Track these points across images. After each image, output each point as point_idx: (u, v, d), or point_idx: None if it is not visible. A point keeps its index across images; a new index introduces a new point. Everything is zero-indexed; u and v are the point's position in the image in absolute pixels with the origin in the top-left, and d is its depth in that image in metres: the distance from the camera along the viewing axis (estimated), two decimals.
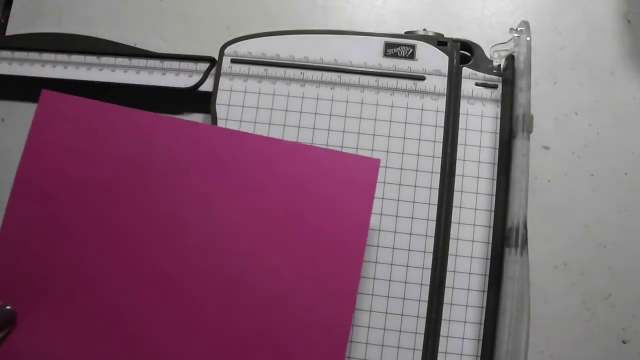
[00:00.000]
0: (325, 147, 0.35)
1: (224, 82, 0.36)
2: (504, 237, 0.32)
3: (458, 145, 0.34)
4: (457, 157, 0.34)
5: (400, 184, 0.34)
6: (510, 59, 0.34)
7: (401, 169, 0.34)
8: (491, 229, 0.33)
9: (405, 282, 0.32)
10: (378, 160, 0.30)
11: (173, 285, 0.29)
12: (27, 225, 0.30)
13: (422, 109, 0.35)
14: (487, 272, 0.32)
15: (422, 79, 0.35)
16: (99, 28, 0.40)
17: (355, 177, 0.30)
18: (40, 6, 0.42)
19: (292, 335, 0.29)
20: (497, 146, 0.34)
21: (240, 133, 0.31)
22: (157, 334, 0.29)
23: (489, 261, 0.32)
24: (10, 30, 0.42)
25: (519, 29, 0.33)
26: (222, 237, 0.30)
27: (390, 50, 0.35)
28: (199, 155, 0.30)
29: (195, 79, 0.36)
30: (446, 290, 0.32)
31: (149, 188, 0.30)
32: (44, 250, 0.30)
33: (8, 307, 0.29)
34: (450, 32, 0.36)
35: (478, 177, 0.34)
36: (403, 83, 0.35)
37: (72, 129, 0.31)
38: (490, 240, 0.32)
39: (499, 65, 0.35)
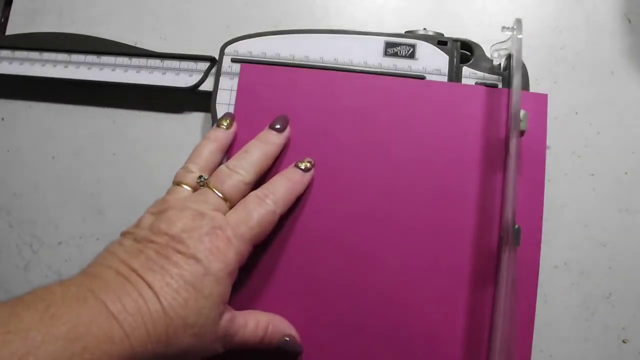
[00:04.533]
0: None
1: (224, 82, 0.36)
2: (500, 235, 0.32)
3: None
4: None
5: None
6: (510, 58, 0.34)
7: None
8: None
9: None
10: (545, 96, 0.33)
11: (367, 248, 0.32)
12: None
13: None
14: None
15: (422, 78, 0.35)
16: (99, 28, 0.40)
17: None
18: (40, 6, 0.42)
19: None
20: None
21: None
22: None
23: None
24: (10, 30, 0.42)
25: (511, 27, 0.33)
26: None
27: (391, 49, 0.35)
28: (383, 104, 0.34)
29: (196, 78, 0.36)
30: None
31: (341, 136, 0.33)
32: None
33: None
34: (451, 32, 0.36)
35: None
36: None
37: (269, 94, 0.34)
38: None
39: (499, 64, 0.35)
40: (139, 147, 0.38)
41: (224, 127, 0.33)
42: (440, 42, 0.35)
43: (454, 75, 0.35)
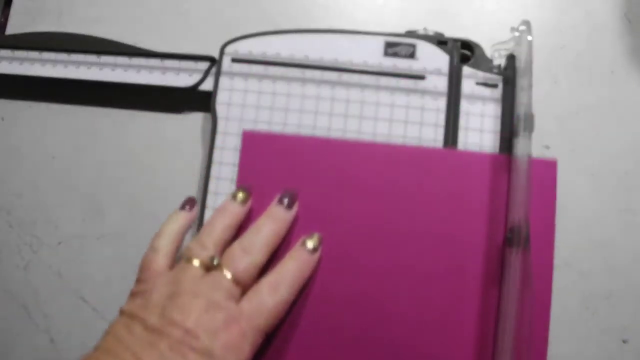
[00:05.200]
0: None
1: (224, 81, 0.36)
2: (506, 237, 0.32)
3: (458, 145, 0.34)
4: None
5: None
6: (511, 57, 0.34)
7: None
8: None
9: None
10: (554, 162, 0.33)
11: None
12: None
13: (422, 108, 0.35)
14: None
15: (422, 78, 0.35)
16: (99, 27, 0.40)
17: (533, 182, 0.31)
18: (40, 6, 0.42)
19: None
20: (498, 145, 0.34)
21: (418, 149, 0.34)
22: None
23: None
24: (10, 30, 0.42)
25: (520, 28, 0.33)
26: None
27: (391, 49, 0.35)
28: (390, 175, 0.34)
29: (196, 78, 0.36)
30: None
31: (348, 208, 0.33)
32: None
33: None
34: (451, 31, 0.36)
35: None
36: (403, 82, 0.35)
37: (272, 163, 0.34)
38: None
39: (500, 64, 0.35)
40: (139, 147, 0.38)
41: (240, 201, 0.32)
42: (441, 42, 0.35)
43: (454, 74, 0.35)
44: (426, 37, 0.35)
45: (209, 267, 0.29)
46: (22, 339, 0.36)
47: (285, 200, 0.32)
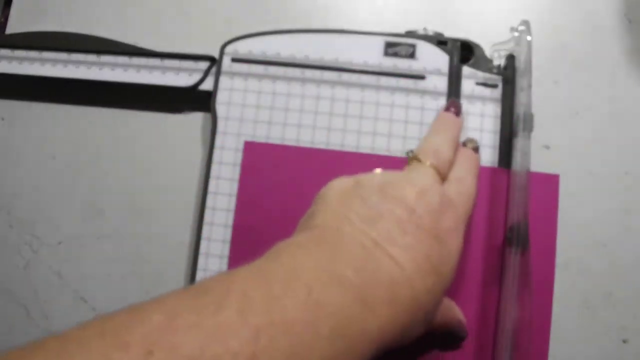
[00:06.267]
0: (325, 146, 0.35)
1: (224, 81, 0.36)
2: (506, 236, 0.32)
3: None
4: None
5: None
6: (510, 58, 0.34)
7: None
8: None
9: None
10: (557, 177, 0.32)
11: None
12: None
13: (422, 108, 0.35)
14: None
15: (422, 78, 0.35)
16: (99, 27, 0.40)
17: (533, 196, 0.32)
18: (40, 5, 0.42)
19: None
20: (498, 145, 0.34)
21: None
22: None
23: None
24: (10, 29, 0.41)
25: (519, 28, 0.33)
26: None
27: (391, 49, 0.35)
28: None
29: (196, 77, 0.36)
30: None
31: None
32: None
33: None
34: (452, 31, 0.36)
35: None
36: (403, 82, 0.35)
37: (273, 173, 0.34)
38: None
39: (499, 64, 0.35)
40: (139, 147, 0.38)
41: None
42: (441, 42, 0.35)
43: (454, 74, 0.35)
44: (426, 37, 0.35)
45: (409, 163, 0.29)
46: (22, 339, 0.35)
47: (452, 109, 0.32)
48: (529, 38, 0.31)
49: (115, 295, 0.36)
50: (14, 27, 0.42)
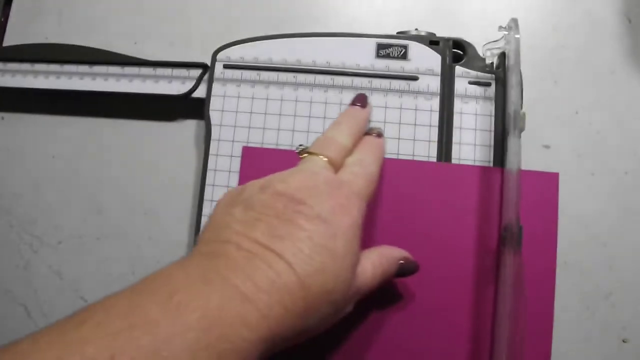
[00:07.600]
0: None
1: (217, 88, 0.36)
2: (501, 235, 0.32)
3: (453, 145, 0.34)
4: (453, 157, 0.34)
5: None
6: (502, 56, 0.33)
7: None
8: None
9: None
10: (556, 175, 0.32)
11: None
12: None
13: (415, 109, 0.34)
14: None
15: (415, 79, 0.35)
16: (98, 27, 0.40)
17: (533, 195, 0.32)
18: (40, 6, 0.42)
19: None
20: (492, 144, 0.33)
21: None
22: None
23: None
24: (10, 30, 0.42)
25: (508, 26, 0.32)
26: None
27: (383, 51, 0.35)
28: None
29: (188, 85, 0.36)
30: None
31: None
32: None
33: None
34: (448, 32, 0.35)
35: None
36: (396, 83, 0.35)
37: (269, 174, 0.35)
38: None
39: (492, 63, 0.34)
40: (134, 156, 0.38)
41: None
42: (432, 42, 0.35)
43: (447, 74, 0.34)
44: (418, 38, 0.35)
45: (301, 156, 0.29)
46: None
47: (358, 103, 0.32)
48: (517, 36, 0.31)
49: None
50: (14, 27, 0.42)
